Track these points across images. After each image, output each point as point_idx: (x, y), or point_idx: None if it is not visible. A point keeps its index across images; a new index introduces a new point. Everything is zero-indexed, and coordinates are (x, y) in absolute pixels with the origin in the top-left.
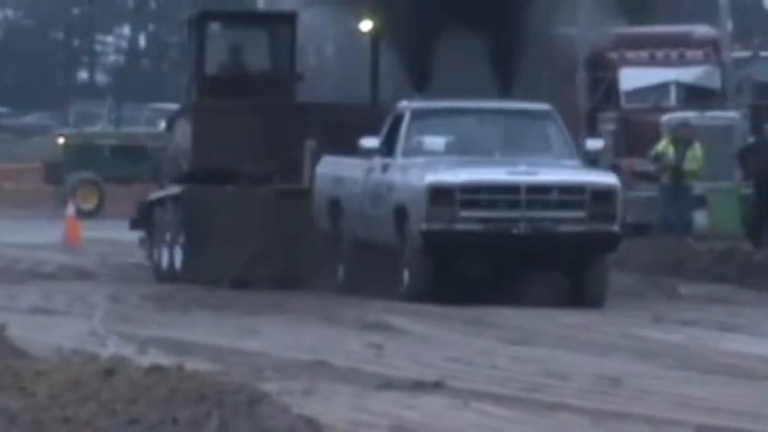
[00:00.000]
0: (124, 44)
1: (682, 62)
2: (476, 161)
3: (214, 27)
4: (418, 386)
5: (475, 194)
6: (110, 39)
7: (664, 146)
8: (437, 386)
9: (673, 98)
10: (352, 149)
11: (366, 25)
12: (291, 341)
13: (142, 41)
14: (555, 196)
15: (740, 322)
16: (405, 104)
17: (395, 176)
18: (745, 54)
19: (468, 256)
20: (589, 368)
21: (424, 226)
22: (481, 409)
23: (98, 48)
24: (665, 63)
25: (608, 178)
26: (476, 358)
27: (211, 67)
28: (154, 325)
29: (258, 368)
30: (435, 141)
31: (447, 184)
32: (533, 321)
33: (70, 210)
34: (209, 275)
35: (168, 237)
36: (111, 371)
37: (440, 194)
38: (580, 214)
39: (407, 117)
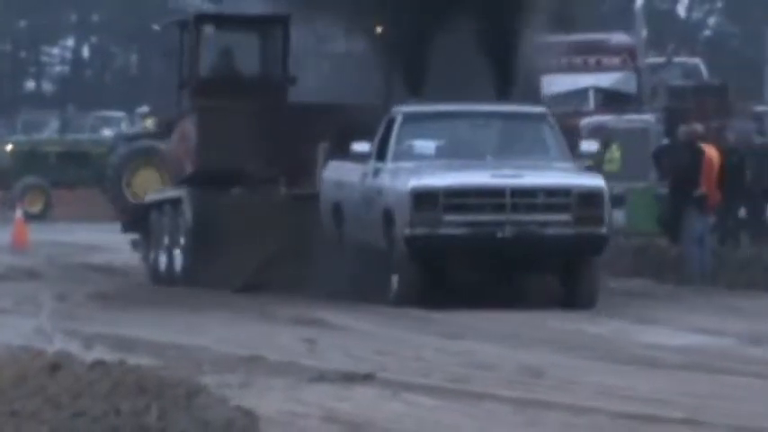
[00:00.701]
0: (69, 55)
1: (599, 68)
2: (463, 165)
3: (208, 30)
4: (350, 378)
5: (459, 198)
6: (55, 50)
7: None
8: (368, 378)
9: (591, 102)
10: None
11: (379, 28)
12: (229, 337)
13: (86, 52)
14: (541, 199)
15: (657, 315)
16: (397, 108)
17: (384, 181)
18: (659, 60)
19: (453, 260)
20: (513, 360)
21: (407, 231)
22: (410, 399)
23: (44, 59)
24: (584, 69)
25: (595, 181)
26: (405, 351)
27: (205, 70)
28: (98, 322)
29: (197, 363)
30: (425, 145)
31: (430, 189)
32: (460, 317)
33: (18, 213)
34: (215, 280)
35: (167, 240)
36: (56, 366)
37: (423, 199)
38: (566, 217)
39: (399, 121)
